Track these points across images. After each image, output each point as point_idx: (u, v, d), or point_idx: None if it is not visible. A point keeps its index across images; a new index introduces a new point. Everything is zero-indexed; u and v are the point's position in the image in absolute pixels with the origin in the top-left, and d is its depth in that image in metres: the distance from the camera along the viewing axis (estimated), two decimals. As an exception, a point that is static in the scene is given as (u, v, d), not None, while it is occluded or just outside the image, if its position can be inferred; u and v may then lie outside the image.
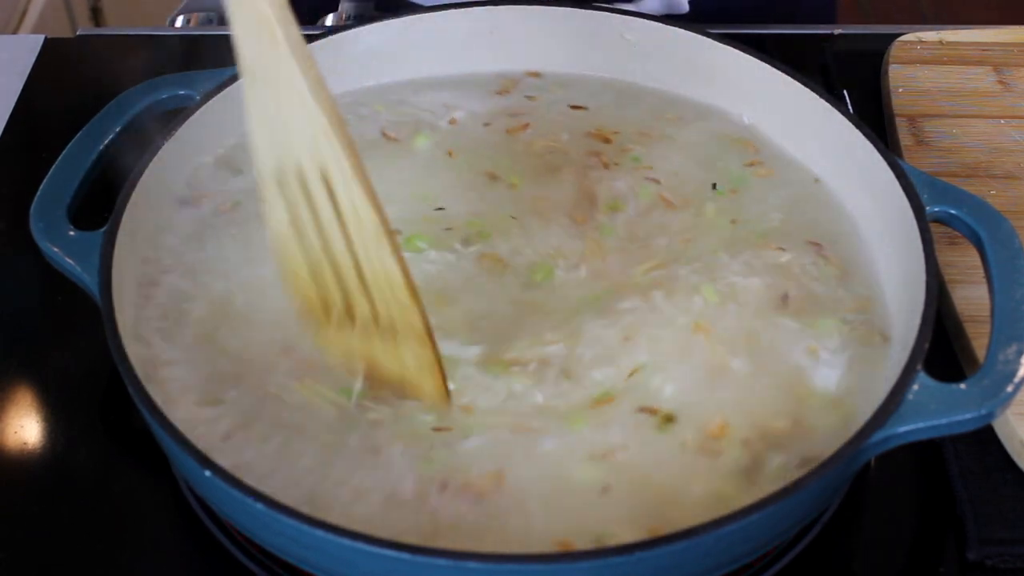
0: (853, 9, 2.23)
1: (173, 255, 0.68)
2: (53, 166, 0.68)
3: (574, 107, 0.79)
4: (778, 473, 0.58)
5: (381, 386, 0.59)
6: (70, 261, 0.64)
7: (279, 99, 0.54)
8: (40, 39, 0.93)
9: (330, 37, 0.77)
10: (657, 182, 0.73)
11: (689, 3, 0.95)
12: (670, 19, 0.78)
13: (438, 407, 0.59)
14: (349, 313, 0.57)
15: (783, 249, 0.68)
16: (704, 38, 0.77)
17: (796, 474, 0.56)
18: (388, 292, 0.55)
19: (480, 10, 0.80)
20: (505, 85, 0.80)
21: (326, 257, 0.56)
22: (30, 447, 0.67)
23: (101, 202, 0.67)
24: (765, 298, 0.66)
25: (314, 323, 0.59)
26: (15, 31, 1.65)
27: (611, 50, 0.80)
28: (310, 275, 0.57)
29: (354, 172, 0.53)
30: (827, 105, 0.72)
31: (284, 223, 0.56)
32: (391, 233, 0.54)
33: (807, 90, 0.73)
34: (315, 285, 0.57)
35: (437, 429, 0.59)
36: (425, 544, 0.52)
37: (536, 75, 0.81)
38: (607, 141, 0.76)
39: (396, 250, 0.54)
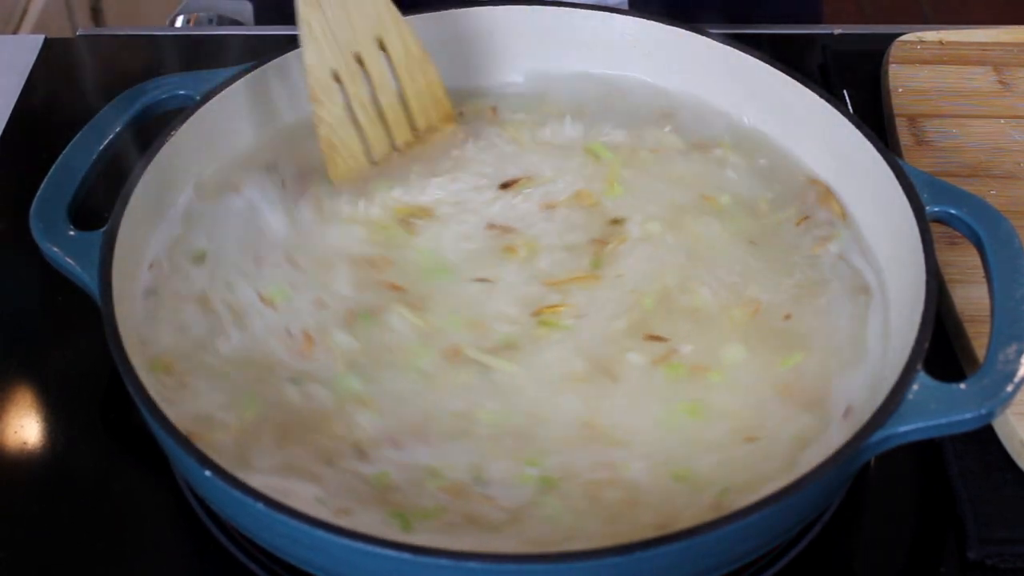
0: (854, 9, 2.22)
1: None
2: (53, 166, 0.68)
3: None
4: None
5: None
6: (70, 261, 0.64)
7: (346, 3, 0.69)
8: (40, 39, 0.93)
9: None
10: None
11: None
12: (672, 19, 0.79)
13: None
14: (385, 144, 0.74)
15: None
16: (704, 38, 0.77)
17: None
18: (428, 98, 0.74)
19: (480, 10, 0.80)
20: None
21: (376, 113, 0.72)
22: (30, 447, 0.67)
23: (101, 202, 0.67)
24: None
25: (348, 175, 0.72)
26: (15, 31, 1.65)
27: (612, 50, 0.80)
28: (359, 138, 0.72)
29: (404, 21, 0.72)
30: (827, 105, 0.72)
31: (339, 109, 0.71)
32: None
33: (807, 90, 0.73)
34: (362, 145, 0.72)
35: None
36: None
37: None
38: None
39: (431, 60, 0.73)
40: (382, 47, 0.72)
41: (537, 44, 0.80)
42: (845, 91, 0.86)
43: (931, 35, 0.90)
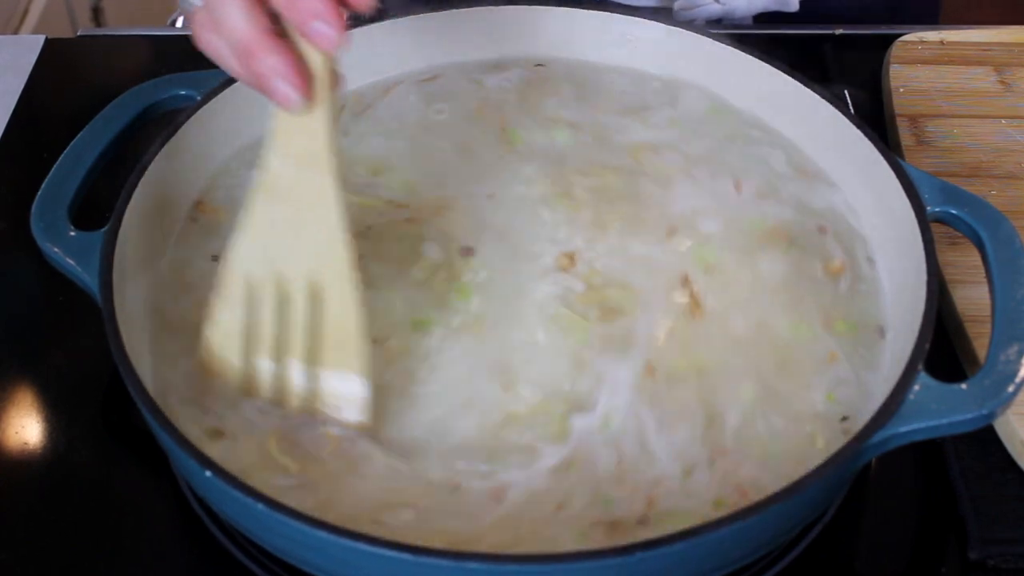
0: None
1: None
2: (54, 166, 0.68)
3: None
4: None
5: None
6: (70, 261, 0.64)
7: (299, 218, 0.57)
8: (41, 39, 0.93)
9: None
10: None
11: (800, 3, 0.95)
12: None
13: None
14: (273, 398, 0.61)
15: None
16: (704, 38, 0.77)
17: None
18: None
19: (483, 10, 0.80)
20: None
21: (273, 356, 0.59)
22: (31, 447, 0.67)
23: (102, 202, 0.67)
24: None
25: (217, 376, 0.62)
26: (16, 31, 1.65)
27: (614, 49, 0.80)
28: (242, 365, 0.60)
29: (354, 287, 0.58)
30: (828, 105, 0.72)
31: (236, 320, 0.59)
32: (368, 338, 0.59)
33: (808, 90, 0.73)
34: (244, 372, 0.60)
35: None
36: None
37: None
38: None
39: (368, 354, 0.58)
40: (314, 296, 0.58)
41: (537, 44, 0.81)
42: (846, 91, 0.86)
43: (932, 35, 0.90)
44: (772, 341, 0.65)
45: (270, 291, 0.58)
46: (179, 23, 1.00)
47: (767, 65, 0.75)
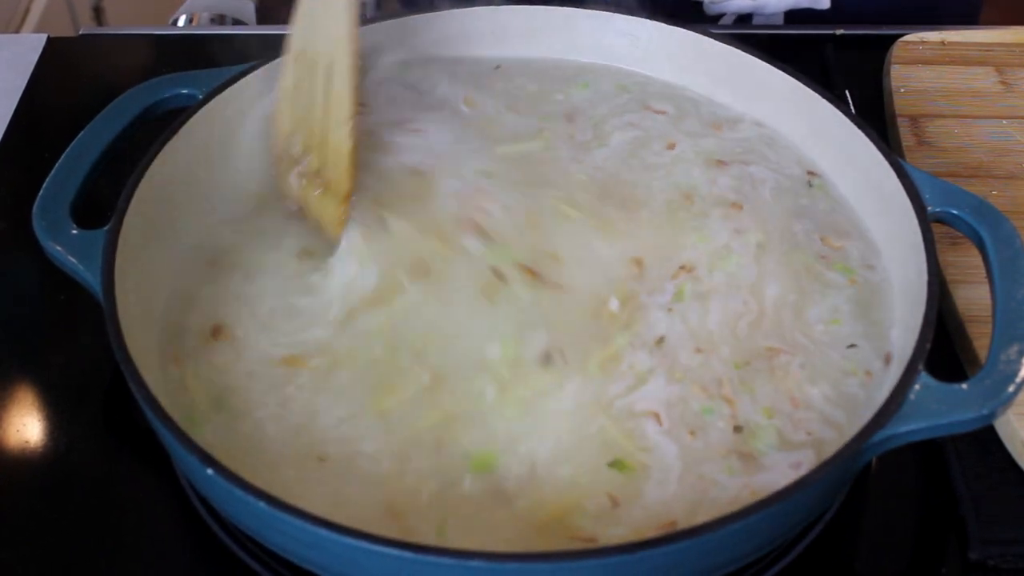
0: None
1: None
2: (56, 165, 0.68)
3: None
4: None
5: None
6: (72, 260, 0.64)
7: (326, 11, 0.69)
8: (43, 38, 0.93)
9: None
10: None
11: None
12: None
13: (330, 237, 0.69)
14: (303, 162, 0.71)
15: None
16: (705, 38, 0.77)
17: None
18: (336, 159, 0.69)
19: (483, 10, 0.80)
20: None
21: (307, 120, 0.71)
22: (32, 446, 0.67)
23: (104, 201, 0.67)
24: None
25: (278, 165, 0.72)
26: (17, 30, 1.65)
27: (617, 49, 0.80)
28: (291, 128, 0.71)
29: (350, 74, 0.68)
30: (829, 105, 0.72)
31: (290, 86, 0.72)
32: (356, 121, 0.69)
33: (809, 90, 0.73)
34: (291, 137, 0.72)
35: None
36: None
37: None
38: None
39: (354, 134, 0.69)
40: (328, 78, 0.70)
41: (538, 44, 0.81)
42: (847, 91, 0.86)
43: (933, 35, 0.90)
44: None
45: (308, 66, 0.71)
46: (180, 22, 1.00)
47: (769, 65, 0.75)
